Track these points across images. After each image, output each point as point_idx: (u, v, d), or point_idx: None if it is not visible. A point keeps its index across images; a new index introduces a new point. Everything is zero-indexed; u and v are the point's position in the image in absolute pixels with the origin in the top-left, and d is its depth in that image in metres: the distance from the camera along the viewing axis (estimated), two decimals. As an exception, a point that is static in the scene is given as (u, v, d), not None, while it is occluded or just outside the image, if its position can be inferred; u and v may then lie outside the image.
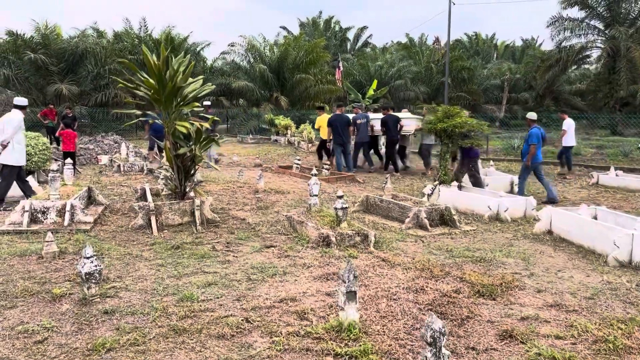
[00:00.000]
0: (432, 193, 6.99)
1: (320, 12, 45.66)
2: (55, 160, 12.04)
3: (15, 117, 7.52)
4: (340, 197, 6.02)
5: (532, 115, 8.97)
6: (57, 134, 10.66)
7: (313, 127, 17.97)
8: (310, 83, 28.83)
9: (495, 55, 53.35)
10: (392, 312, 3.94)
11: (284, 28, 43.27)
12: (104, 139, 16.00)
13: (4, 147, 7.27)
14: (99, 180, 10.71)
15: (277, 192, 9.47)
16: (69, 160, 7.89)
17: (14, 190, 8.25)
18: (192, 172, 6.69)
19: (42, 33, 24.30)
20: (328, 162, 13.16)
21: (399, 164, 13.15)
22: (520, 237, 6.61)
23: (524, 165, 8.91)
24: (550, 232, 6.63)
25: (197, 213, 6.53)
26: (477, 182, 9.04)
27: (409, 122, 13.30)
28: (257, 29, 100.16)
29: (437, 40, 48.80)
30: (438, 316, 2.83)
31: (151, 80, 6.02)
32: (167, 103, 6.24)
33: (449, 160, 9.01)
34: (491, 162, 10.60)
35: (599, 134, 23.81)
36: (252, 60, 29.59)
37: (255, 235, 6.39)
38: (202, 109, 8.81)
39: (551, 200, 8.51)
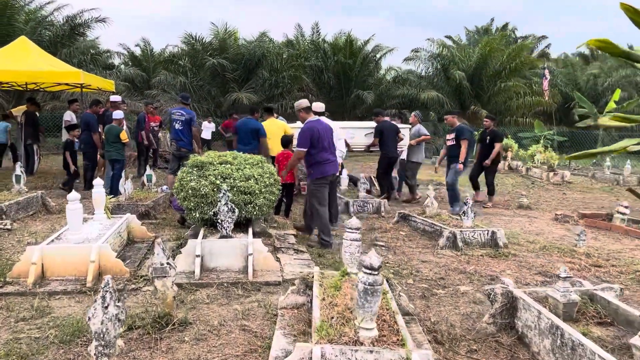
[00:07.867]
0: None
1: (492, 19, 39.38)
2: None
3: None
4: None
5: None
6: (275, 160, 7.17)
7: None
8: (512, 94, 23.56)
9: None
10: None
11: (449, 37, 37.31)
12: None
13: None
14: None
15: (613, 265, 4.74)
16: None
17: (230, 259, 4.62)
18: None
19: (220, 38, 22.46)
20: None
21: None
22: None
23: None
24: None
25: None
26: None
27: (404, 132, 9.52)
28: (409, 44, 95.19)
29: (630, 48, 40.62)
30: None
31: None
32: None
33: None
34: None
35: None
36: (439, 67, 24.97)
37: None
38: None
39: None
